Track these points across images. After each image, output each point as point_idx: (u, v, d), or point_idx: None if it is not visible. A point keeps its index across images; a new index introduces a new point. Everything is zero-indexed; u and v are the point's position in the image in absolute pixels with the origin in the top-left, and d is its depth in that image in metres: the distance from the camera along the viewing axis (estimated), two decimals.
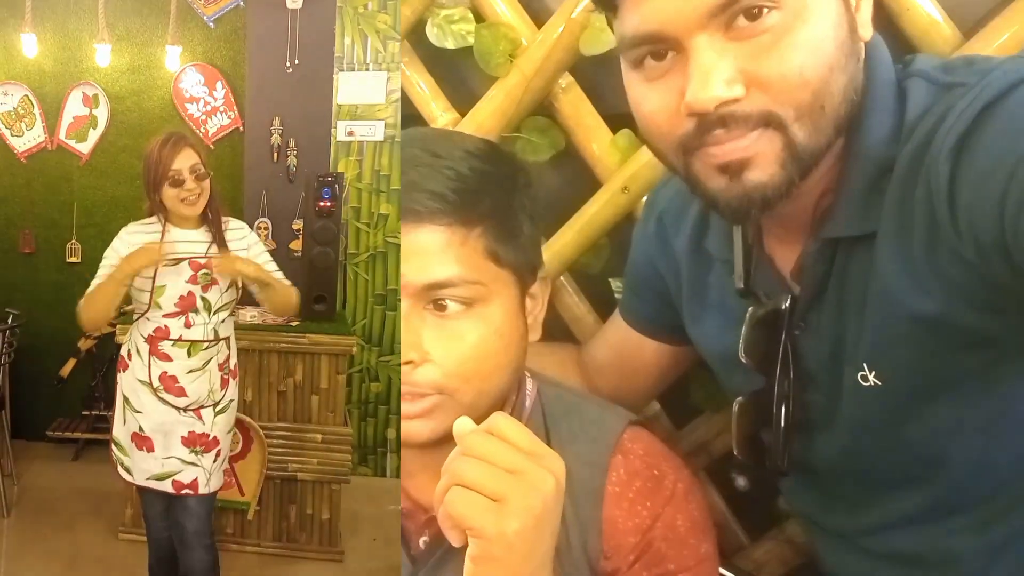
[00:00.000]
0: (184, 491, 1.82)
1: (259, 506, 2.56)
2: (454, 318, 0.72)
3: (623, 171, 1.30)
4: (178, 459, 1.80)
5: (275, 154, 2.99)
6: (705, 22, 0.68)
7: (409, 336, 0.71)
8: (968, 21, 1.18)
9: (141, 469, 1.82)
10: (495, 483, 0.60)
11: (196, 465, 1.81)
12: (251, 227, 2.98)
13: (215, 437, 1.83)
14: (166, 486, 1.81)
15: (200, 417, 1.81)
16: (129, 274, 1.72)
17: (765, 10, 0.67)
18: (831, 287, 0.81)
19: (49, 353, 3.16)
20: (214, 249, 1.79)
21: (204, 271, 1.78)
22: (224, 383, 1.84)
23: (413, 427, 0.74)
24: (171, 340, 1.77)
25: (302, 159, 3.02)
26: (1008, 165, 0.60)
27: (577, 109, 1.32)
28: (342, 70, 3.18)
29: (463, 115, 1.34)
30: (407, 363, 0.72)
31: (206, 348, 1.79)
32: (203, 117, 3.29)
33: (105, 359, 3.21)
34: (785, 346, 0.85)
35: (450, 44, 1.30)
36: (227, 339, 1.85)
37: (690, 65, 0.69)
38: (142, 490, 1.87)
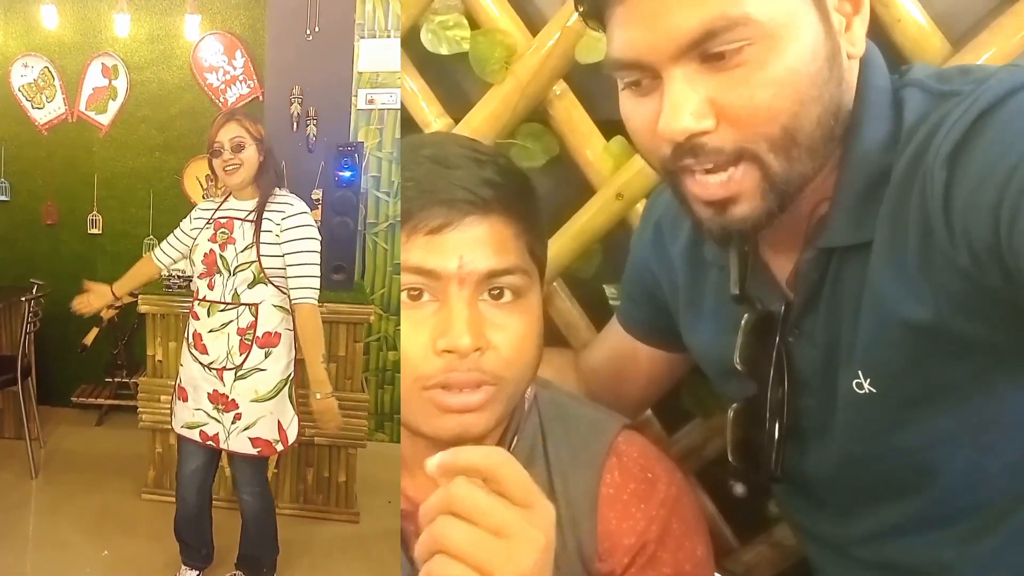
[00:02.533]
0: (207, 443, 1.98)
1: (277, 468, 2.65)
2: (508, 308, 0.73)
3: (616, 178, 1.33)
4: (205, 412, 1.96)
5: (295, 123, 3.00)
6: (679, 55, 0.70)
7: (470, 324, 0.71)
8: (957, 32, 1.21)
9: (179, 417, 2.02)
10: (483, 554, 0.55)
11: (218, 421, 1.96)
12: None
13: (233, 400, 1.93)
14: (195, 435, 1.99)
15: (221, 379, 1.93)
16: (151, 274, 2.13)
17: (739, 45, 0.69)
18: (825, 294, 0.82)
19: (72, 322, 3.20)
20: (240, 214, 1.92)
21: (223, 230, 1.92)
22: (244, 347, 1.91)
23: (470, 420, 0.73)
24: (199, 300, 1.94)
25: (322, 128, 3.03)
26: (1003, 172, 0.61)
27: (571, 116, 1.35)
28: (363, 37, 3.19)
29: (457, 121, 1.37)
30: (474, 350, 0.71)
31: (223, 310, 1.91)
32: (222, 86, 3.31)
33: (127, 328, 3.30)
34: (779, 352, 0.87)
35: (444, 50, 1.32)
36: (253, 306, 1.91)
37: (664, 95, 0.72)
38: (179, 445, 2.07)
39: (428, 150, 0.75)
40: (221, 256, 1.92)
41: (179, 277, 2.68)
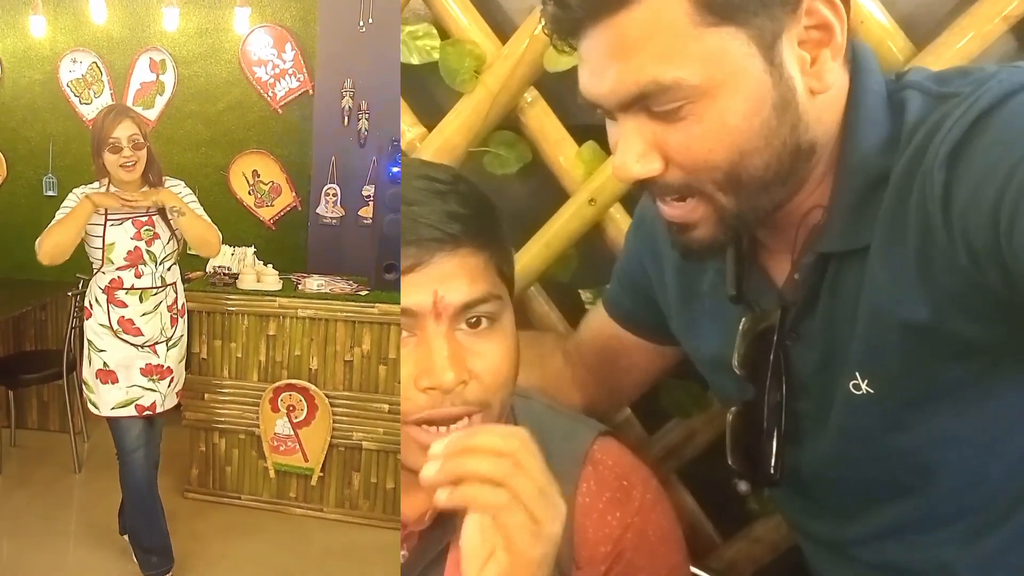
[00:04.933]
0: (145, 413, 2.15)
1: (323, 472, 2.63)
2: (486, 335, 0.76)
3: (589, 183, 1.37)
4: (139, 387, 2.13)
5: (346, 117, 3.01)
6: (625, 108, 0.76)
7: (451, 358, 0.73)
8: (920, 33, 1.25)
9: (107, 401, 2.13)
10: (537, 503, 0.63)
11: (154, 391, 2.15)
12: (320, 193, 3.07)
13: (168, 367, 2.17)
14: (131, 411, 2.13)
15: (155, 352, 2.13)
16: (90, 212, 2.00)
17: (676, 104, 0.73)
18: (824, 297, 0.84)
19: None
20: (154, 209, 2.06)
21: (146, 227, 2.07)
22: (174, 321, 2.17)
23: None
24: (125, 289, 2.08)
25: (374, 122, 3.03)
26: (1003, 173, 0.62)
27: (543, 123, 1.39)
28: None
29: (430, 130, 1.40)
30: (458, 384, 0.74)
31: (155, 293, 2.11)
32: (271, 80, 3.30)
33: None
34: (777, 356, 0.88)
35: (415, 60, 1.37)
36: (173, 284, 2.17)
37: (618, 138, 0.78)
38: (113, 423, 2.16)
39: (404, 192, 0.78)
40: (148, 251, 2.08)
41: (224, 274, 2.68)
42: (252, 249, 2.80)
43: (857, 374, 0.82)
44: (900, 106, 0.78)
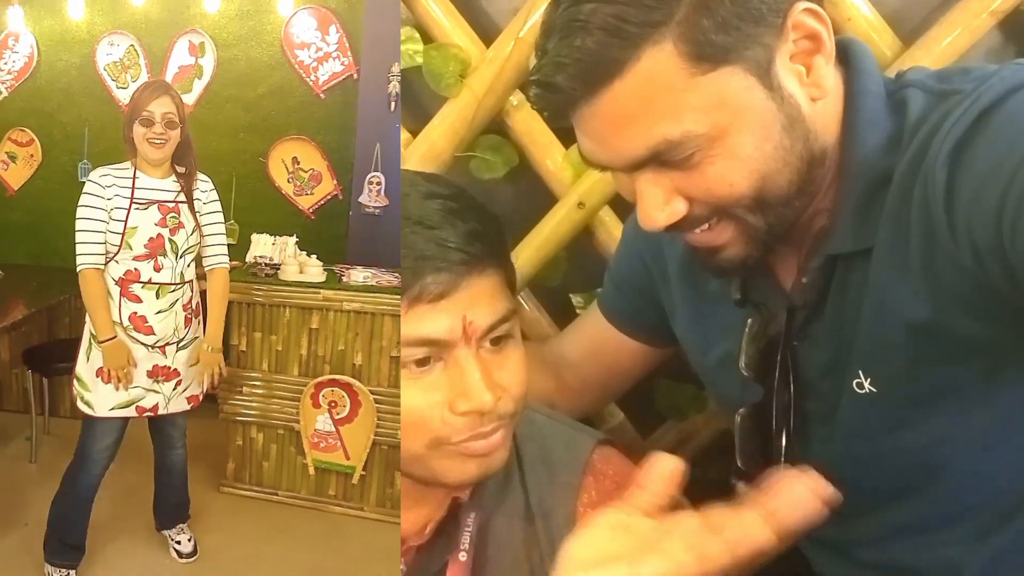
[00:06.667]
0: (145, 414, 2.07)
1: (364, 471, 2.59)
2: (507, 348, 0.76)
3: (578, 186, 1.38)
4: (141, 387, 2.03)
5: (392, 103, 2.94)
6: (637, 166, 0.77)
7: (485, 380, 0.73)
8: (907, 29, 1.28)
9: (105, 402, 2.01)
10: None
11: (156, 392, 2.05)
12: (363, 182, 3.01)
13: (175, 369, 2.08)
14: (130, 412, 2.04)
15: (165, 353, 2.04)
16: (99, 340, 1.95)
17: (687, 154, 0.74)
18: (831, 299, 0.85)
19: None
20: (182, 197, 1.99)
21: (172, 214, 1.98)
22: (187, 322, 2.07)
23: (496, 460, 0.76)
24: (141, 283, 1.97)
25: None
26: (1006, 170, 0.62)
27: (529, 126, 1.39)
28: None
29: (415, 135, 1.40)
30: (494, 400, 0.73)
31: (173, 290, 2.01)
32: (314, 64, 3.24)
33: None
34: (784, 357, 0.90)
35: (398, 64, 1.36)
36: (191, 282, 2.08)
37: (636, 193, 0.79)
38: (94, 423, 2.03)
39: (409, 210, 0.75)
40: (171, 240, 1.99)
41: (266, 264, 2.63)
42: (294, 239, 2.75)
43: (861, 372, 0.83)
44: (901, 105, 0.79)
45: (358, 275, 2.61)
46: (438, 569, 0.81)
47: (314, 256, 2.69)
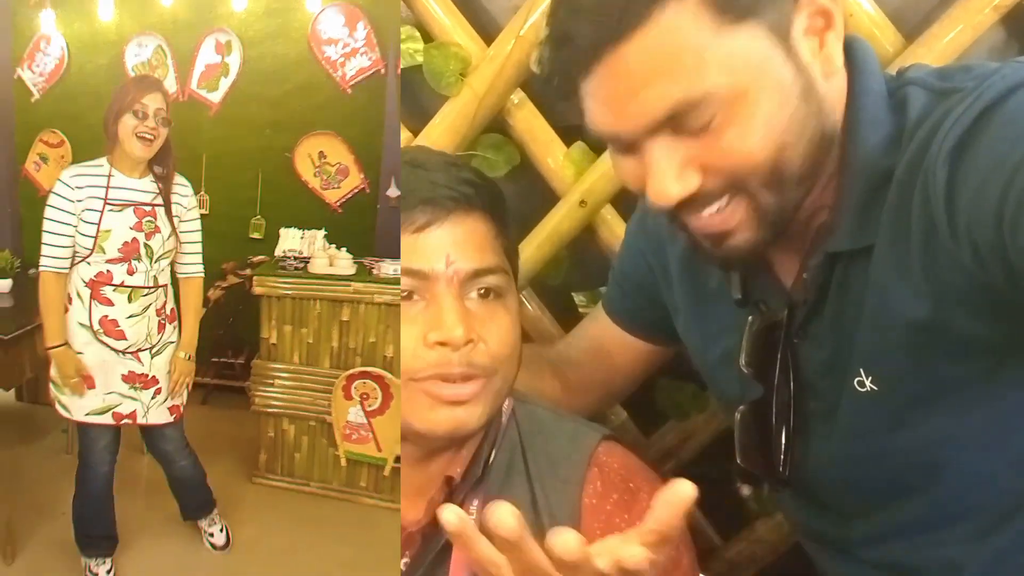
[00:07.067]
0: (123, 421, 1.98)
1: (396, 463, 2.59)
2: (493, 306, 0.79)
3: (580, 184, 1.38)
4: (118, 393, 1.96)
5: None
6: (651, 131, 0.75)
7: (461, 316, 0.75)
8: (909, 25, 1.27)
9: (80, 406, 1.95)
10: None
11: (134, 399, 1.98)
12: (390, 176, 3.02)
13: (153, 376, 1.99)
14: (107, 419, 1.96)
15: (139, 359, 1.96)
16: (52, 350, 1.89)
17: (706, 119, 0.73)
18: (832, 297, 0.85)
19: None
20: (159, 200, 1.92)
21: (148, 218, 1.90)
22: (161, 327, 2.00)
23: (463, 414, 0.77)
24: (113, 286, 1.89)
25: None
26: (1007, 169, 0.62)
27: (531, 125, 1.40)
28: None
29: (416, 134, 1.40)
30: (466, 343, 0.75)
31: (146, 294, 1.93)
32: (341, 59, 3.22)
33: (232, 309, 3.30)
34: (784, 355, 0.90)
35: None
36: (165, 286, 2.00)
37: (647, 165, 0.77)
38: (83, 428, 2.00)
39: (407, 156, 0.80)
40: (146, 244, 1.91)
41: (295, 258, 2.65)
42: (323, 232, 2.77)
43: (861, 371, 0.83)
44: (902, 103, 0.79)
45: (388, 268, 2.63)
46: (440, 548, 0.83)
47: (344, 249, 2.71)
